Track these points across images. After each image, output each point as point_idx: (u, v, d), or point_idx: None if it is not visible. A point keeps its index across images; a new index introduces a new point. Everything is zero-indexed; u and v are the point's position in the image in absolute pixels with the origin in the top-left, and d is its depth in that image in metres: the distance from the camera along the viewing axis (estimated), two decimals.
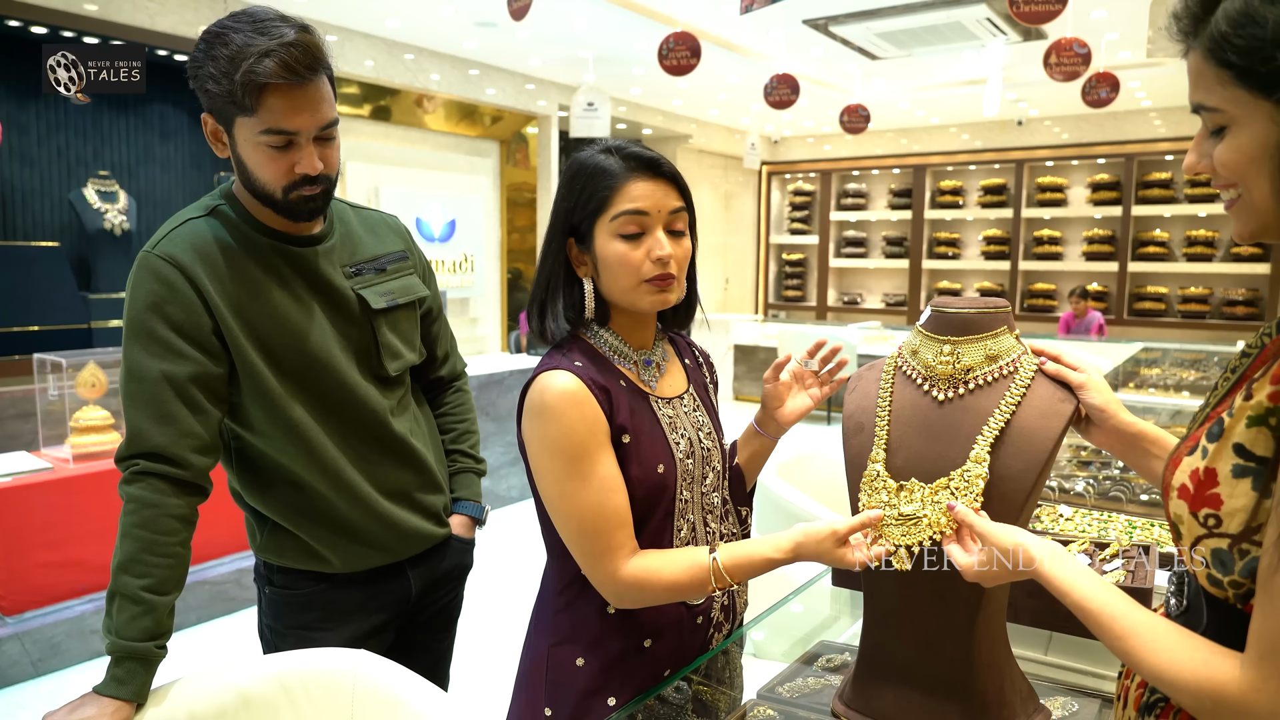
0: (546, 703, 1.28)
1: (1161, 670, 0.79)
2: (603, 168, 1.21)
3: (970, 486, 1.05)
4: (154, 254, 1.35)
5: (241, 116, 1.32)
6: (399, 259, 1.60)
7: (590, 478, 1.17)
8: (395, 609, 1.60)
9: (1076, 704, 1.28)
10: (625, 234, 1.19)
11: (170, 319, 1.33)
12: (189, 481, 1.34)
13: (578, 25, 6.58)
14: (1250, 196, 0.81)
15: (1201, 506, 0.81)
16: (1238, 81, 0.77)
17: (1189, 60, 0.82)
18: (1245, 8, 0.75)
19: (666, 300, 1.23)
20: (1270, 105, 0.76)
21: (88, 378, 3.59)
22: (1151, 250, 9.84)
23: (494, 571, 4.24)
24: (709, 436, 1.33)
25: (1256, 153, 0.78)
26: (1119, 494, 2.45)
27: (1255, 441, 0.77)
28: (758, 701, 1.31)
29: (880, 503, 1.11)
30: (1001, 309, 1.12)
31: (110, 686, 1.23)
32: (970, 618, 1.08)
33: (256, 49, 1.27)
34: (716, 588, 1.18)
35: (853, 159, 11.91)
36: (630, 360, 1.28)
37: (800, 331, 8.70)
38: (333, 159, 1.41)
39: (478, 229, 8.46)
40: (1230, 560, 0.79)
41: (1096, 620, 0.86)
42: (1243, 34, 0.75)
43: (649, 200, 1.20)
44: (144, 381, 1.32)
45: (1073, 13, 5.58)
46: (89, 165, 6.09)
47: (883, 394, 1.17)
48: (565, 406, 1.17)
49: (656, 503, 1.24)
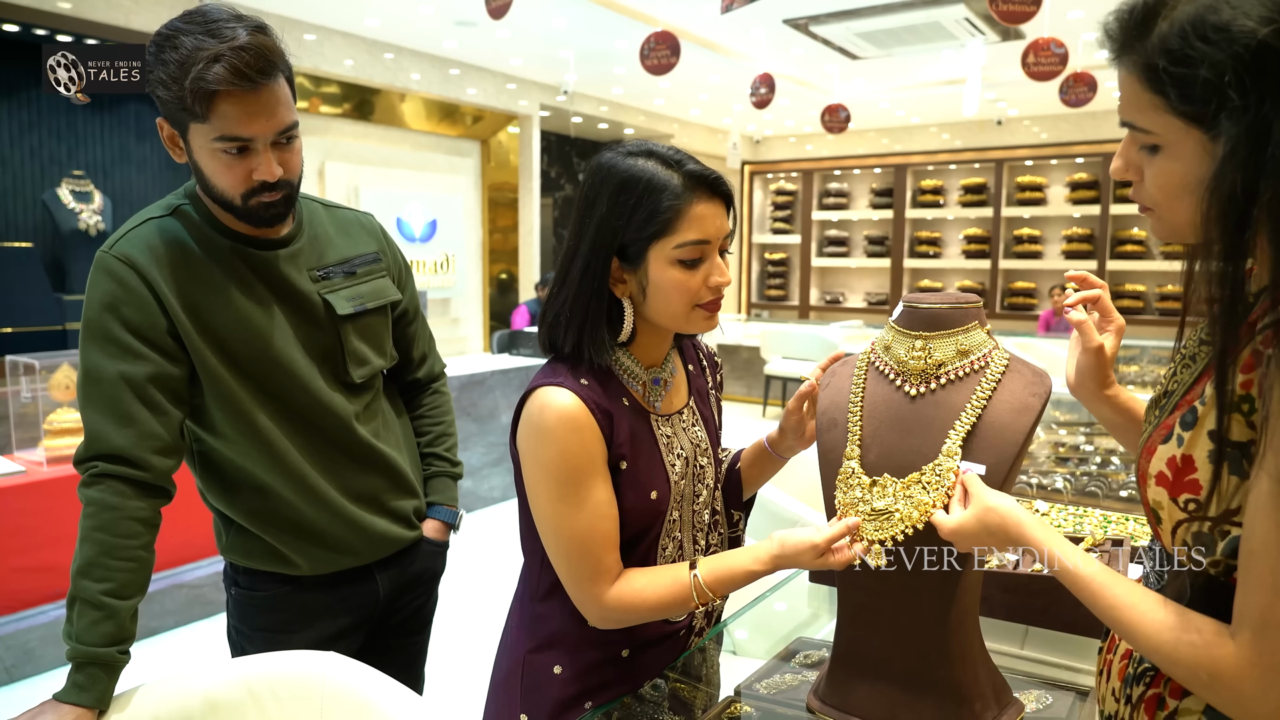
0: (523, 708, 1.26)
1: (1157, 643, 0.80)
2: (661, 184, 1.11)
3: (942, 481, 1.05)
4: (110, 254, 1.32)
5: (194, 123, 1.27)
6: (371, 261, 1.56)
7: (584, 503, 1.14)
8: (363, 612, 1.58)
9: (1051, 697, 1.28)
10: (686, 260, 1.13)
11: (126, 320, 1.30)
12: (150, 483, 1.31)
13: (558, 24, 6.57)
14: (1172, 216, 0.83)
15: (1181, 492, 0.82)
16: (1170, 110, 0.77)
17: (1119, 73, 0.82)
18: (1183, 44, 0.75)
19: (714, 324, 1.20)
20: (1201, 135, 0.76)
21: (61, 380, 3.55)
22: (1129, 249, 9.93)
23: (474, 572, 4.22)
24: (704, 454, 1.31)
25: (1188, 181, 0.78)
26: (1095, 489, 2.47)
27: (1230, 428, 0.78)
28: (735, 698, 1.31)
29: (854, 499, 1.11)
30: (972, 304, 1.12)
31: (71, 693, 1.19)
32: (942, 613, 1.08)
33: (206, 53, 1.21)
34: (699, 604, 1.17)
35: (834, 158, 11.95)
36: (640, 381, 1.24)
37: (783, 331, 8.73)
38: (293, 164, 1.37)
39: (459, 229, 8.43)
40: (1211, 542, 0.81)
41: (1088, 589, 0.87)
42: (1180, 67, 0.75)
43: (714, 227, 1.13)
44: (101, 383, 1.30)
45: (1050, 13, 5.62)
46: (63, 165, 6.02)
47: (855, 389, 1.17)
48: (565, 430, 1.12)
49: (649, 527, 1.22)
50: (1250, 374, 0.77)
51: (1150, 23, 0.78)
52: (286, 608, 1.52)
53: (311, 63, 6.70)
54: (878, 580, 1.12)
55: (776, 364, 8.48)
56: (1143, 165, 0.84)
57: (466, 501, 5.25)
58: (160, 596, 3.56)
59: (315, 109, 7.22)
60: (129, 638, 1.26)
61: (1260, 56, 0.72)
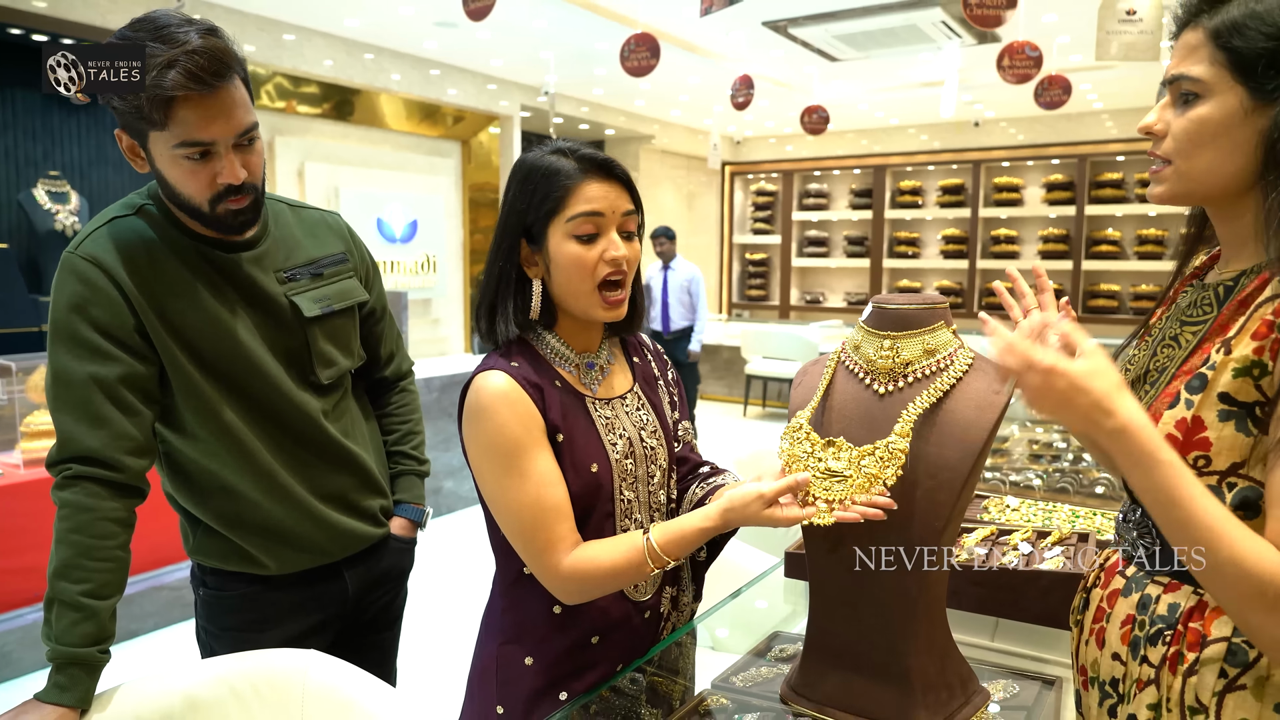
0: (498, 701, 1.29)
1: (1241, 557, 0.82)
2: (556, 168, 1.21)
3: (893, 458, 1.08)
4: (76, 255, 1.32)
5: (154, 131, 1.27)
6: (337, 262, 1.57)
7: (528, 473, 1.18)
8: (331, 610, 1.59)
9: (1018, 686, 1.32)
10: (580, 235, 1.20)
11: (94, 320, 1.30)
12: (125, 484, 1.32)
13: (539, 26, 6.58)
14: (1189, 164, 0.96)
15: (1191, 450, 0.92)
16: (1229, 64, 0.92)
17: (1185, 37, 0.97)
18: (1261, 8, 0.91)
19: (619, 314, 1.24)
20: (1243, 91, 0.91)
21: (38, 382, 3.52)
22: (1104, 249, 10.05)
23: (453, 571, 4.23)
24: (653, 435, 1.34)
25: (1216, 126, 0.93)
26: (1067, 485, 2.52)
27: (1239, 390, 0.89)
28: (711, 691, 1.34)
29: (804, 452, 1.14)
30: (939, 304, 1.15)
31: (53, 694, 1.20)
32: (910, 604, 1.12)
33: (159, 60, 1.21)
34: (654, 567, 1.19)
35: (814, 159, 12.02)
36: (571, 364, 1.29)
37: (763, 331, 8.77)
38: (256, 165, 1.37)
39: (439, 229, 8.41)
40: (1220, 494, 0.91)
41: (1179, 499, 0.84)
42: (1252, 27, 0.91)
43: (604, 201, 1.21)
44: (71, 385, 1.30)
45: (1025, 16, 5.69)
46: (39, 165, 5.97)
47: (825, 388, 1.20)
48: (499, 405, 1.18)
49: (593, 502, 1.25)
50: (1262, 340, 0.88)
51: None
52: (255, 607, 1.53)
53: (291, 63, 6.67)
54: (847, 571, 1.15)
55: (757, 364, 8.53)
56: (1171, 121, 0.98)
57: (447, 502, 5.26)
58: (140, 599, 3.55)
59: (294, 109, 7.19)
60: (109, 637, 1.27)
61: None
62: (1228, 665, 0.90)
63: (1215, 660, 0.91)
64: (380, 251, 7.73)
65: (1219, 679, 0.91)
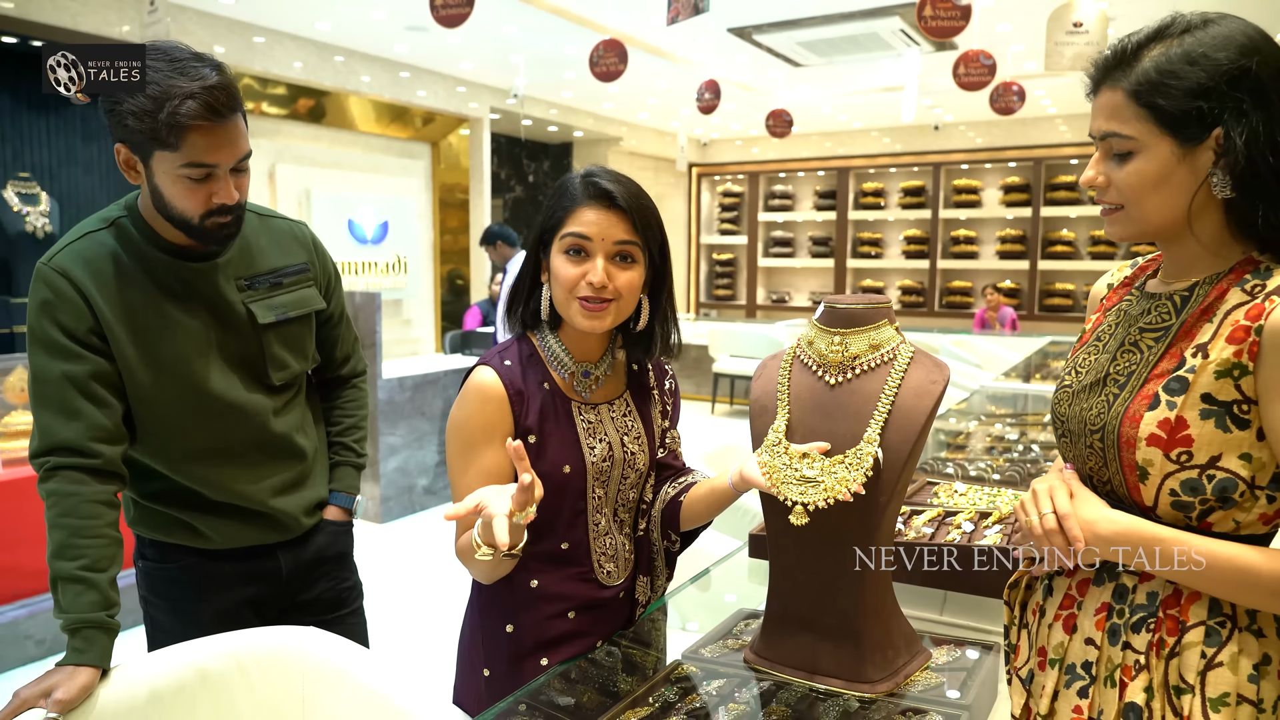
0: (484, 664, 1.41)
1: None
2: (568, 190, 1.35)
3: (861, 462, 1.21)
4: (48, 266, 1.44)
5: (162, 151, 1.39)
6: (298, 271, 1.66)
7: (470, 465, 1.33)
8: (265, 586, 1.68)
9: (960, 651, 1.45)
10: (568, 251, 1.33)
11: (60, 324, 1.42)
12: (102, 469, 1.42)
13: (509, 31, 6.66)
14: (1139, 211, 1.04)
15: (1174, 447, 0.99)
16: (1153, 119, 0.99)
17: (1104, 97, 1.04)
18: (1170, 64, 0.98)
19: (596, 325, 1.34)
20: (1172, 141, 0.99)
21: (15, 382, 3.55)
22: (1059, 249, 10.35)
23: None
24: (636, 440, 1.46)
25: (1156, 179, 1.01)
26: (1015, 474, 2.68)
27: (1220, 390, 0.97)
28: (682, 661, 1.46)
29: (783, 463, 1.26)
30: (883, 304, 1.29)
31: (72, 657, 1.30)
32: (859, 573, 1.25)
33: (181, 91, 1.34)
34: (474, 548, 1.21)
35: (779, 161, 12.21)
36: (567, 369, 1.41)
37: (730, 330, 8.91)
38: (246, 187, 1.50)
39: (410, 231, 8.45)
40: (1200, 485, 0.99)
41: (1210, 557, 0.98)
42: (1172, 85, 0.98)
43: (594, 229, 1.31)
44: (48, 383, 1.41)
45: (979, 25, 5.89)
46: (8, 166, 5.93)
47: (782, 380, 1.33)
48: (475, 398, 1.34)
49: (562, 500, 1.37)
50: (1239, 344, 0.96)
51: (1139, 55, 1.01)
52: (193, 579, 1.63)
53: (262, 65, 6.69)
54: (800, 545, 1.28)
55: (725, 362, 8.66)
56: (1110, 174, 1.05)
57: (420, 499, 5.34)
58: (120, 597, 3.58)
59: (264, 111, 7.21)
60: (115, 604, 1.37)
61: (1234, 78, 0.96)
62: (1206, 646, 0.99)
63: (1196, 644, 1.00)
64: (352, 253, 7.76)
65: (1200, 659, 0.99)
